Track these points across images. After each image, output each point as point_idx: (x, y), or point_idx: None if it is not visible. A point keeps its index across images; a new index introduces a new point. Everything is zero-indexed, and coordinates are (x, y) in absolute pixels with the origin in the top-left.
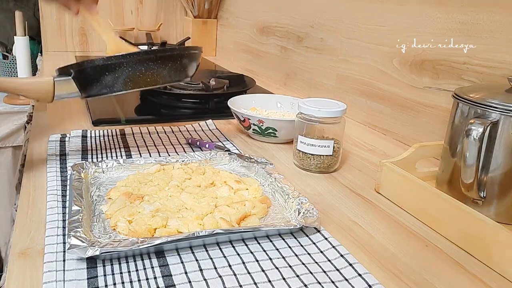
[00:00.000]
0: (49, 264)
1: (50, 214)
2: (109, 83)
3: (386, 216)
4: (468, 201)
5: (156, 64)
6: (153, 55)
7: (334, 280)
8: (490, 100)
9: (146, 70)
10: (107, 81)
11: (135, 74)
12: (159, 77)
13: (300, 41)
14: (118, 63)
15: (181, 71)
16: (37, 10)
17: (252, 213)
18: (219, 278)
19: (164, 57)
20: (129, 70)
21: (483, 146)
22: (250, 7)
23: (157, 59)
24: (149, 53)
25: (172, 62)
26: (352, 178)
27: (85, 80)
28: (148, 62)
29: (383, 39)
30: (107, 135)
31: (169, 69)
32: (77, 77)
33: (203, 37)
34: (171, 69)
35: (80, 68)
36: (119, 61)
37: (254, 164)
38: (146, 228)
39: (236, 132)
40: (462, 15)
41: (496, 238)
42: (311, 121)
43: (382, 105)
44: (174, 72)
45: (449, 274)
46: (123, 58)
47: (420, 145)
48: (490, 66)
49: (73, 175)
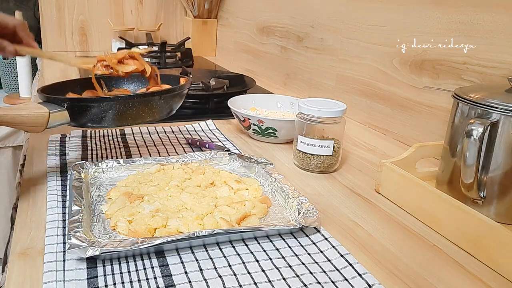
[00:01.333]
0: (49, 264)
1: (50, 214)
2: (98, 118)
3: (386, 216)
4: (468, 201)
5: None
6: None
7: (334, 280)
8: (490, 100)
9: (137, 109)
10: (97, 115)
11: (126, 113)
12: (148, 115)
13: (300, 41)
14: (109, 103)
15: (167, 108)
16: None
17: (252, 213)
18: (219, 278)
19: (153, 99)
20: (119, 109)
21: (483, 146)
22: (250, 7)
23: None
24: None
25: (159, 101)
26: (352, 178)
27: (77, 113)
28: (140, 102)
29: (383, 39)
30: (107, 135)
31: (156, 107)
32: (70, 109)
33: (203, 37)
34: (158, 107)
35: (74, 102)
36: (110, 102)
37: (254, 164)
38: (146, 228)
39: (236, 132)
40: (462, 15)
41: (496, 238)
42: (311, 121)
43: (382, 105)
44: (160, 110)
45: (449, 274)
46: (114, 100)
47: (420, 145)
48: (490, 66)
49: (73, 175)
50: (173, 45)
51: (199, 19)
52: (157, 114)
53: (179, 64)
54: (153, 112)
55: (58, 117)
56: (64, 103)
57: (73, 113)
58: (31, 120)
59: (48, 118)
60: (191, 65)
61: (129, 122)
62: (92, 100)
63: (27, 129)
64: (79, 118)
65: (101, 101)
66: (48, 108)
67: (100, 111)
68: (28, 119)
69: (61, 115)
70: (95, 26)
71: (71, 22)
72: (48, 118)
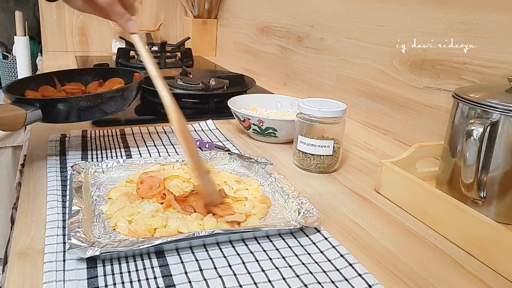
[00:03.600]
0: (49, 264)
1: (50, 214)
2: (65, 114)
3: (386, 216)
4: (468, 201)
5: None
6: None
7: (334, 280)
8: (490, 100)
9: (96, 106)
10: (63, 112)
11: (87, 109)
12: (106, 109)
13: (300, 41)
14: (72, 100)
15: (123, 102)
16: (37, 10)
17: (252, 213)
18: (219, 278)
19: (107, 97)
20: (81, 105)
21: (483, 146)
22: (250, 7)
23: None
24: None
25: (115, 98)
26: (352, 178)
27: (48, 111)
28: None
29: (383, 39)
30: (107, 135)
31: (114, 103)
32: (43, 108)
33: (203, 37)
34: (115, 103)
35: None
36: (72, 100)
37: (254, 164)
38: (146, 228)
39: (236, 132)
40: (462, 15)
41: (496, 238)
42: (311, 121)
43: (382, 105)
44: (118, 104)
45: (449, 274)
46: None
47: (420, 145)
48: (490, 66)
49: (73, 175)
50: (173, 45)
51: (199, 19)
52: (115, 108)
53: (179, 64)
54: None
55: (33, 116)
56: (37, 103)
57: (45, 111)
58: (11, 121)
59: (25, 117)
60: (191, 65)
61: (95, 116)
62: (62, 100)
63: (6, 129)
64: (50, 116)
65: (69, 100)
66: (24, 109)
67: (68, 109)
68: (8, 120)
69: (35, 113)
70: (95, 26)
71: (71, 22)
72: (26, 117)
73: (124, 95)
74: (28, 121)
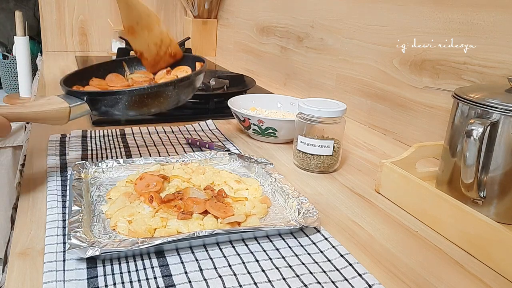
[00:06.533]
0: (49, 264)
1: (50, 214)
2: (118, 108)
3: (386, 216)
4: (468, 201)
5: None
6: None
7: (334, 280)
8: (490, 100)
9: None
10: (115, 105)
11: (142, 102)
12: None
13: (300, 41)
14: (124, 93)
15: (176, 99)
16: (37, 10)
17: (252, 213)
18: (219, 278)
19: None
20: (135, 99)
21: (483, 146)
22: (250, 7)
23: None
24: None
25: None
26: (352, 178)
27: (96, 104)
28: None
29: (383, 39)
30: (107, 135)
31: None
32: (90, 101)
33: (203, 37)
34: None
35: (92, 96)
36: (126, 93)
37: (254, 164)
38: (146, 228)
39: (236, 132)
40: (462, 15)
41: (496, 238)
42: (311, 121)
43: (382, 105)
44: (173, 99)
45: (449, 274)
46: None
47: (420, 145)
48: (490, 66)
49: (73, 175)
50: None
51: (199, 19)
52: (167, 105)
53: None
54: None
55: (78, 110)
56: (84, 96)
57: (93, 105)
58: (54, 115)
59: (69, 112)
60: None
61: (144, 112)
62: (108, 93)
63: (51, 123)
64: (99, 109)
65: (116, 93)
66: (68, 102)
67: (115, 102)
68: (51, 114)
69: (81, 107)
70: (95, 26)
71: (71, 22)
72: (70, 112)
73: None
74: (74, 115)
